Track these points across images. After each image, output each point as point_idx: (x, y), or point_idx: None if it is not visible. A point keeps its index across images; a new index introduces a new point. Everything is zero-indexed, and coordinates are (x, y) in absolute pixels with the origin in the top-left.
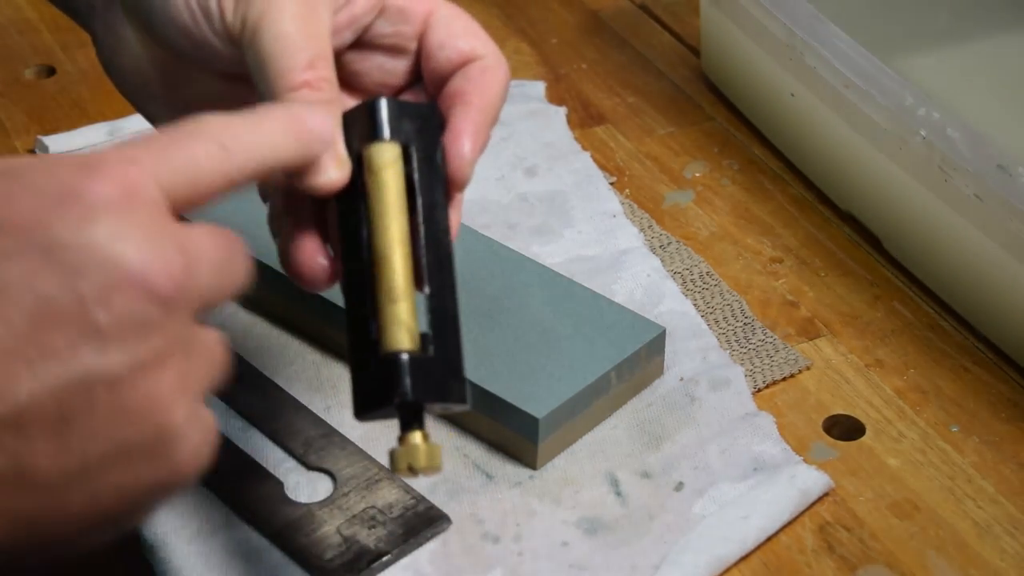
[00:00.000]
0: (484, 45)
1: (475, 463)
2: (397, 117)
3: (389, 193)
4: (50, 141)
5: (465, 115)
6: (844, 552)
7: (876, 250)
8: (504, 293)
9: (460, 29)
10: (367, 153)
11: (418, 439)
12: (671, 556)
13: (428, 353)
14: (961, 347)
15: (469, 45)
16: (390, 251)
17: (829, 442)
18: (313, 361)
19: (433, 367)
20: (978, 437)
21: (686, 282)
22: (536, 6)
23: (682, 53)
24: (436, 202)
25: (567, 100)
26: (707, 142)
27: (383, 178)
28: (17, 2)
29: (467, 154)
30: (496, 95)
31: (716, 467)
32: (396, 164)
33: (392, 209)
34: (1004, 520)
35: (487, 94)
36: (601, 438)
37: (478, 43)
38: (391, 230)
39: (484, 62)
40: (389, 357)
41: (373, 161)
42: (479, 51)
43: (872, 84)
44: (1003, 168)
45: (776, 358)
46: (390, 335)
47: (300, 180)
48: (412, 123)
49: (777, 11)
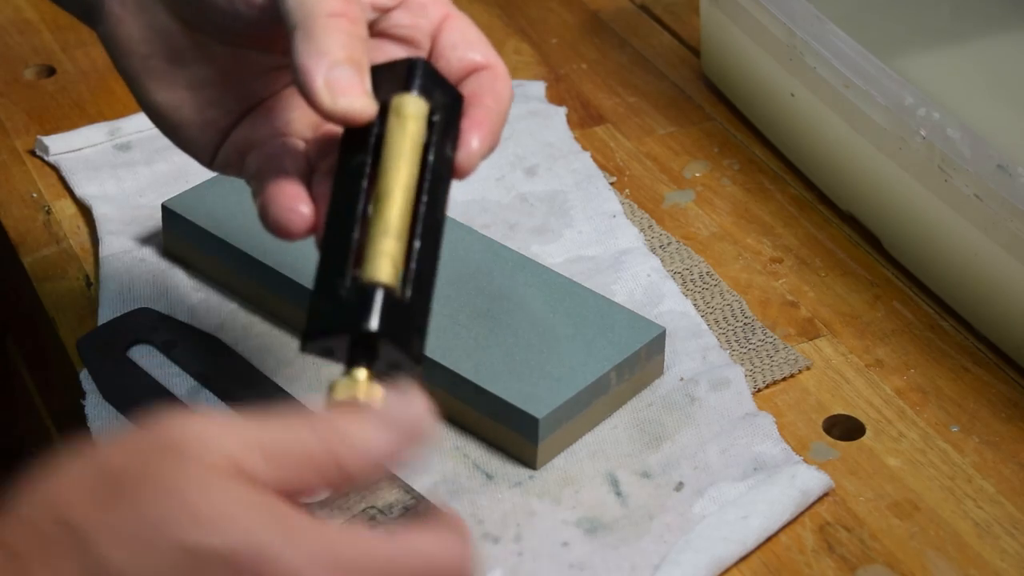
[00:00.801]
0: (495, 58)
1: (475, 463)
2: (431, 83)
3: (408, 140)
4: (50, 141)
5: (482, 113)
6: (844, 552)
7: (876, 250)
8: (504, 293)
9: (474, 37)
10: (399, 100)
11: (363, 375)
12: (671, 556)
13: (404, 298)
14: (961, 347)
15: (482, 54)
16: (395, 190)
17: (829, 442)
18: (313, 361)
19: (403, 314)
20: (978, 437)
21: (686, 282)
22: (536, 6)
23: (682, 53)
24: (442, 177)
25: (567, 100)
26: (707, 142)
27: (408, 126)
28: (17, 2)
29: (477, 148)
30: (507, 103)
31: (716, 467)
32: (422, 120)
33: (407, 155)
34: (1004, 520)
35: (500, 100)
36: (601, 438)
37: (491, 55)
38: (401, 172)
39: (495, 71)
40: (367, 286)
41: (404, 108)
42: (492, 62)
43: (872, 84)
44: (1003, 168)
45: (776, 358)
46: (375, 264)
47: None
48: (441, 96)
49: (777, 11)
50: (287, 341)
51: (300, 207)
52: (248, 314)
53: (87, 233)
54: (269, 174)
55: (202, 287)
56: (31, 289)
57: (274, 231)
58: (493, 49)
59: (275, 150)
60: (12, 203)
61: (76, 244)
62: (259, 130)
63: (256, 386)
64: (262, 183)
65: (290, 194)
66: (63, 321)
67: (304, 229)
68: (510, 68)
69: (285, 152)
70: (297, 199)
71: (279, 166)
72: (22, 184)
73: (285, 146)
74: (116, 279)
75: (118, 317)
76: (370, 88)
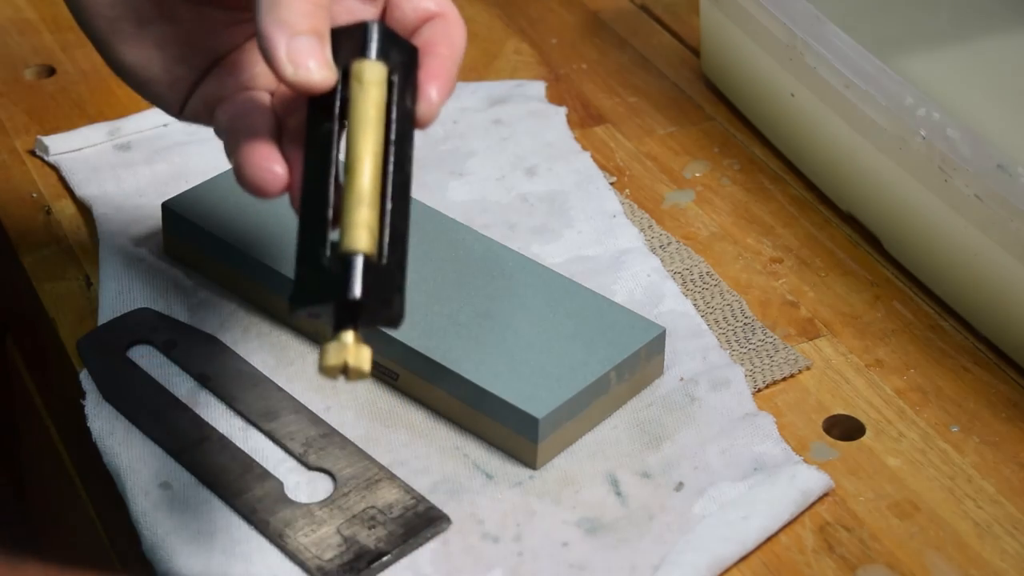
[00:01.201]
0: (447, 4)
1: (475, 463)
2: (388, 44)
3: (372, 107)
4: (50, 141)
5: (437, 62)
6: (844, 552)
7: (876, 250)
8: (504, 293)
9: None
10: (359, 66)
11: (351, 338)
12: (671, 556)
13: (381, 262)
14: (961, 347)
15: (436, 2)
16: (364, 158)
17: (829, 442)
18: (313, 361)
19: (382, 276)
20: (978, 437)
21: (686, 282)
22: (536, 6)
23: (682, 53)
24: (406, 132)
25: (567, 100)
26: (707, 142)
27: (370, 92)
28: (17, 2)
29: (436, 98)
30: (460, 48)
31: (716, 467)
32: (383, 84)
33: (372, 122)
34: (1004, 520)
35: (454, 46)
36: (601, 438)
37: (444, 1)
38: (368, 139)
39: (448, 18)
40: (346, 255)
41: (364, 74)
42: (444, 8)
43: (872, 84)
44: (1003, 168)
45: (776, 358)
46: (352, 235)
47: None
48: (398, 54)
49: (777, 11)
50: (287, 341)
51: (274, 167)
52: (248, 314)
53: (87, 233)
54: (241, 133)
55: (202, 287)
56: (31, 289)
57: (250, 190)
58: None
59: (244, 107)
60: (12, 203)
61: (76, 244)
62: (225, 84)
63: (256, 386)
64: (235, 142)
65: (263, 154)
66: (63, 321)
67: (279, 188)
68: (510, 68)
69: (254, 109)
70: (270, 159)
71: (250, 125)
72: (22, 184)
73: (253, 102)
74: (116, 279)
75: (118, 317)
76: (330, 56)
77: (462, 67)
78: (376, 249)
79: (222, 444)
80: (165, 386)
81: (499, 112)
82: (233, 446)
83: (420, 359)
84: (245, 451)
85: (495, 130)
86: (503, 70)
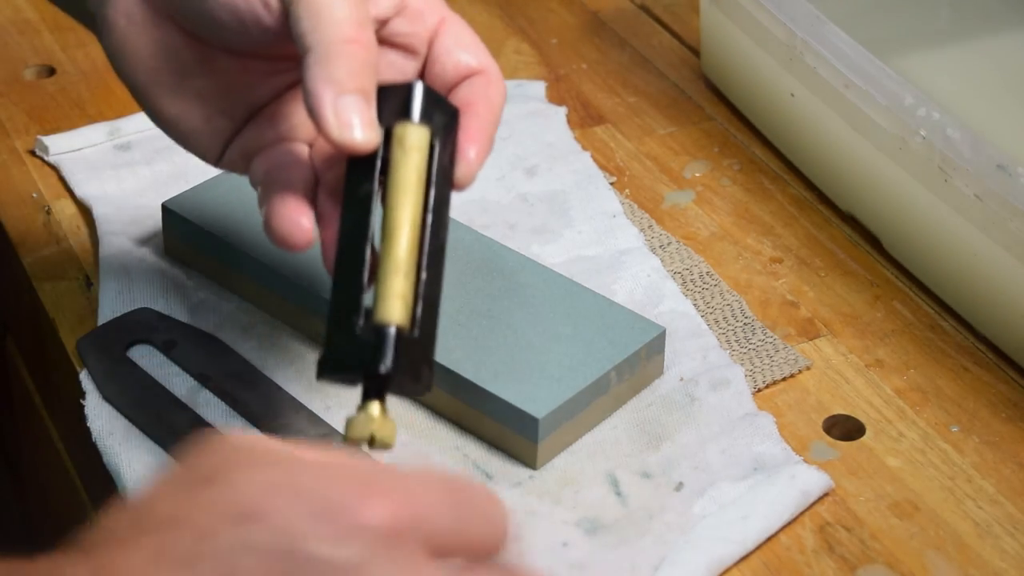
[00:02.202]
0: (488, 60)
1: (475, 463)
2: (431, 106)
3: (413, 173)
4: (50, 141)
5: (476, 123)
6: (844, 552)
7: (876, 250)
8: (504, 293)
9: (468, 40)
10: (402, 131)
11: (377, 410)
12: (671, 556)
13: (413, 334)
14: (961, 347)
15: (476, 58)
16: (403, 226)
17: (829, 442)
18: (313, 361)
19: (413, 348)
20: (978, 437)
21: (686, 282)
22: (536, 6)
23: (682, 53)
24: (445, 196)
25: (567, 100)
26: (707, 142)
27: (412, 157)
28: (17, 2)
29: (474, 160)
30: (500, 108)
31: (716, 467)
32: (425, 148)
33: (412, 188)
34: (1004, 520)
35: (493, 106)
36: (601, 438)
37: (484, 57)
38: (408, 207)
39: (489, 75)
40: (380, 327)
41: (407, 139)
42: (485, 65)
43: (872, 84)
44: (1003, 168)
45: (776, 358)
46: (388, 306)
47: (333, 138)
48: (440, 116)
49: (777, 11)
50: (287, 341)
51: (302, 221)
52: (248, 314)
53: (87, 233)
54: (275, 185)
55: (202, 287)
56: (31, 289)
57: (277, 242)
58: (486, 51)
59: (280, 159)
60: (12, 203)
61: (76, 244)
62: (264, 134)
63: (256, 386)
64: (268, 193)
65: (293, 208)
66: (63, 321)
67: (305, 242)
68: (510, 68)
69: (291, 162)
70: (300, 213)
71: (284, 178)
72: (22, 184)
73: (290, 155)
74: (116, 279)
75: (118, 317)
76: (375, 117)
77: None
78: (409, 320)
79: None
80: (165, 386)
81: None
82: None
83: None
84: None
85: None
86: (503, 70)
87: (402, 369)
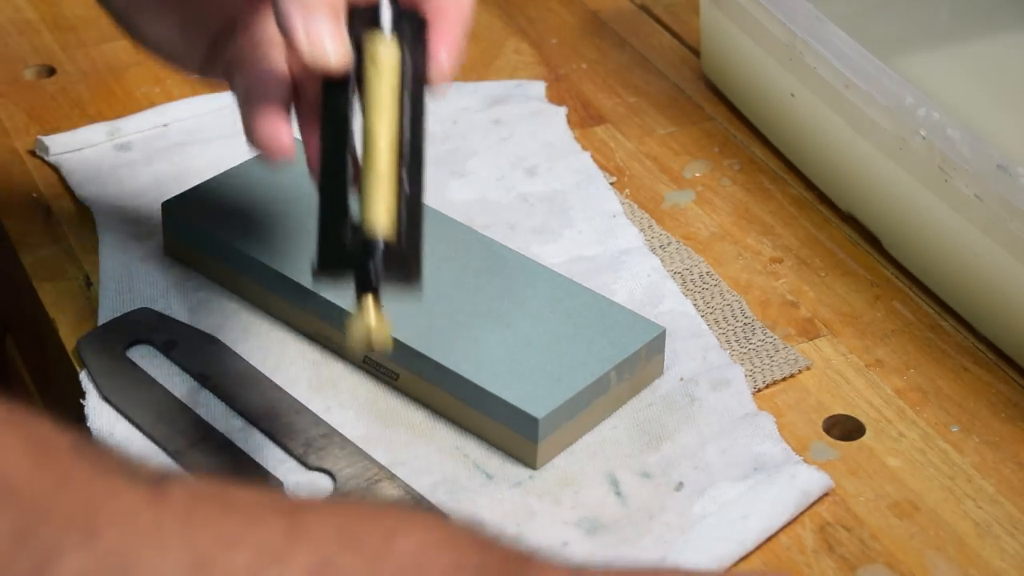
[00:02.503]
0: None
1: (475, 463)
2: (399, 20)
3: (387, 86)
4: (50, 141)
5: (446, 26)
6: (844, 552)
7: (876, 250)
8: (504, 293)
9: None
10: (373, 48)
11: (372, 311)
12: (671, 556)
13: (400, 239)
14: (961, 347)
15: None
16: (382, 138)
17: (829, 442)
18: (313, 361)
19: (400, 252)
20: (978, 437)
21: (686, 282)
22: (536, 6)
23: (682, 53)
24: (420, 108)
25: (567, 100)
26: (707, 142)
27: (385, 72)
28: (17, 2)
29: (446, 61)
30: (469, 12)
31: (716, 467)
32: (396, 61)
33: (388, 100)
34: (1004, 520)
35: (462, 10)
36: (601, 438)
37: None
38: (385, 119)
39: None
40: (368, 237)
41: (379, 55)
42: None
43: (872, 84)
44: (1003, 168)
45: (776, 358)
46: (373, 214)
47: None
48: (409, 28)
49: (777, 11)
50: (287, 341)
51: (282, 133)
52: (248, 314)
53: (87, 233)
54: (255, 99)
55: (202, 287)
56: (31, 289)
57: (260, 153)
58: None
59: (260, 73)
60: (12, 203)
61: (76, 244)
62: (242, 44)
63: (256, 386)
64: (250, 107)
65: (273, 120)
66: (63, 321)
67: (286, 153)
68: (510, 68)
69: (269, 76)
70: (279, 125)
71: (264, 91)
72: (22, 184)
73: (269, 69)
74: (116, 279)
75: (118, 317)
76: (346, 34)
77: (462, 67)
78: (396, 230)
79: (222, 444)
80: (165, 386)
81: (499, 112)
82: (233, 446)
83: (420, 359)
84: (245, 451)
85: (495, 130)
86: (503, 70)
87: (392, 274)
